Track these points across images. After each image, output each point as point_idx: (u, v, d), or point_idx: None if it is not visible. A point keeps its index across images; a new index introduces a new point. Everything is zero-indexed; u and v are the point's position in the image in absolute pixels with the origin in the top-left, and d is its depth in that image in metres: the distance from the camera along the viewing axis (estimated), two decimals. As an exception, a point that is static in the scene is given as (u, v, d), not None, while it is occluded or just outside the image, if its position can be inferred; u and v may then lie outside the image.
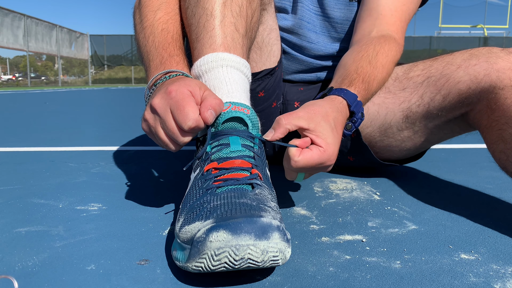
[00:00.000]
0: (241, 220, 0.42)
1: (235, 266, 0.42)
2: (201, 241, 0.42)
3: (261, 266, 0.43)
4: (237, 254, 0.41)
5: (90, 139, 1.60)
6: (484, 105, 0.71)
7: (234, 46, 0.60)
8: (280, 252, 0.43)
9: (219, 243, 0.41)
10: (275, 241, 0.42)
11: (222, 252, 0.41)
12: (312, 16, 0.95)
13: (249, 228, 0.41)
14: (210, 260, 0.41)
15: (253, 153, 0.54)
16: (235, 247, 0.41)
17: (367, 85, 0.73)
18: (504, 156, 0.67)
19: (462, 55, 0.75)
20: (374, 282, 0.45)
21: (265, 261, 0.42)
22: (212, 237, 0.41)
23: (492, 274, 0.47)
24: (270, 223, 0.43)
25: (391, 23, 0.85)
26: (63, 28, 17.15)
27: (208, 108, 0.51)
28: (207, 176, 0.51)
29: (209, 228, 0.42)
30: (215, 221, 0.43)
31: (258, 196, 0.47)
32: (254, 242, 0.41)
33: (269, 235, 0.42)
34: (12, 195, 0.79)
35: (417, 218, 0.67)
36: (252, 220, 0.42)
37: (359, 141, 0.89)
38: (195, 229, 0.44)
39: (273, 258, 0.42)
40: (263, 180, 0.52)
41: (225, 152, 0.53)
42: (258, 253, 0.41)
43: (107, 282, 0.45)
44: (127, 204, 0.73)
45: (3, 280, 0.44)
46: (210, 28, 0.60)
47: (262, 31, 0.83)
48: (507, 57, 0.69)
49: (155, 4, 0.69)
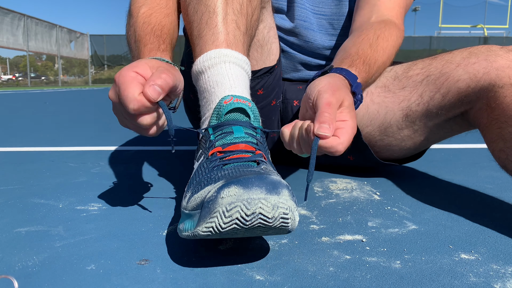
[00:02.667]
0: (251, 176, 0.43)
1: (247, 223, 0.42)
2: (212, 199, 0.43)
3: (272, 225, 0.43)
4: (248, 208, 0.41)
5: (90, 139, 1.60)
6: (483, 104, 0.71)
7: (235, 43, 0.61)
8: (290, 210, 0.43)
9: (230, 198, 0.41)
10: (285, 197, 0.43)
11: (233, 207, 0.41)
12: (309, 14, 0.95)
13: (260, 182, 0.42)
14: (222, 217, 0.42)
15: (256, 140, 0.55)
16: (247, 201, 0.41)
17: (368, 67, 0.72)
18: (503, 154, 0.67)
19: (461, 53, 0.75)
20: (374, 282, 0.45)
21: (275, 218, 0.42)
22: (223, 193, 0.42)
23: (492, 274, 0.47)
24: (279, 180, 0.44)
25: (390, 8, 0.85)
26: (63, 28, 17.15)
27: (151, 84, 0.49)
28: (212, 158, 0.52)
29: (220, 186, 0.43)
30: (225, 181, 0.43)
31: (264, 170, 0.48)
32: (265, 196, 0.42)
33: (279, 190, 0.43)
34: (12, 195, 0.79)
35: (417, 218, 0.67)
36: (263, 177, 0.43)
37: (359, 141, 0.89)
38: (205, 192, 0.45)
39: (283, 216, 0.43)
40: (267, 161, 0.53)
41: (229, 139, 0.53)
42: (269, 207, 0.42)
43: (107, 282, 0.45)
44: (127, 204, 0.73)
45: (3, 280, 0.44)
46: (213, 25, 0.60)
47: (262, 29, 0.83)
48: (506, 55, 0.69)
49: (141, 0, 0.70)
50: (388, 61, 0.79)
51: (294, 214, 0.44)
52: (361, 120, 0.87)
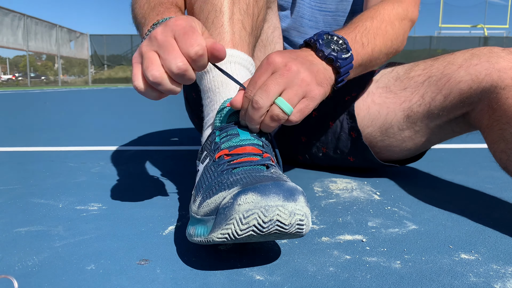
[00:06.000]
0: (269, 183, 0.42)
1: (263, 230, 0.42)
2: (228, 206, 0.42)
3: (287, 231, 0.43)
4: (266, 216, 0.41)
5: (90, 139, 1.60)
6: (485, 105, 0.71)
7: (241, 43, 0.61)
8: (305, 217, 0.43)
9: (248, 205, 0.41)
10: (301, 204, 0.43)
11: (251, 214, 0.41)
12: (315, 12, 0.95)
13: (278, 190, 0.42)
14: (238, 224, 0.41)
15: (262, 142, 0.54)
16: (264, 208, 0.41)
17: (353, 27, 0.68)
18: (505, 155, 0.67)
19: (463, 54, 0.75)
20: (374, 282, 0.45)
21: (292, 225, 0.42)
22: (240, 200, 0.41)
23: (492, 274, 0.47)
24: (296, 187, 0.44)
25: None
26: (63, 28, 17.14)
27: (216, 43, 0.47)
28: (219, 161, 0.51)
29: (237, 193, 0.42)
30: (241, 187, 0.43)
31: (274, 174, 0.47)
32: (282, 203, 0.42)
33: (296, 197, 0.43)
34: (12, 195, 0.79)
35: (417, 218, 0.67)
36: (280, 183, 0.43)
37: (359, 142, 0.89)
38: (220, 198, 0.44)
39: (299, 222, 0.43)
40: (275, 164, 0.53)
41: (235, 141, 0.53)
42: (287, 215, 0.42)
43: (107, 282, 0.45)
44: (127, 204, 0.73)
45: (3, 280, 0.44)
46: (219, 25, 0.60)
47: (266, 29, 0.83)
48: (508, 56, 0.69)
49: None
50: (393, 32, 0.74)
51: (309, 220, 0.44)
52: (362, 121, 0.87)
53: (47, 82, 20.00)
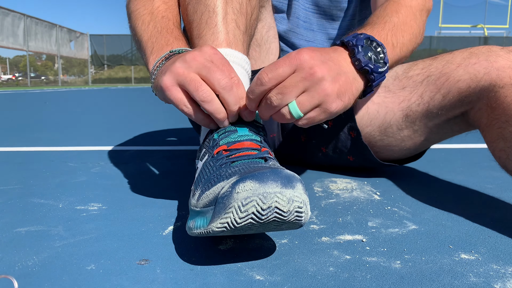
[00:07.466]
0: (266, 171, 0.42)
1: (262, 217, 0.42)
2: (227, 195, 0.42)
3: (286, 219, 0.43)
4: (264, 203, 0.41)
5: (90, 139, 1.60)
6: (484, 104, 0.71)
7: (235, 42, 0.61)
8: (304, 204, 0.43)
9: (246, 193, 0.41)
10: (299, 191, 0.43)
11: (249, 201, 0.41)
12: (309, 14, 0.95)
13: (275, 177, 0.42)
14: (237, 212, 0.42)
15: (260, 138, 0.55)
16: (263, 195, 0.41)
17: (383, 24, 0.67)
18: (504, 154, 0.67)
19: (461, 53, 0.75)
20: (374, 282, 0.45)
21: (290, 212, 0.42)
22: (239, 188, 0.42)
23: (492, 274, 0.47)
24: (293, 174, 0.44)
25: None
26: (63, 28, 17.15)
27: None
28: (218, 157, 0.52)
29: (235, 181, 0.42)
30: (239, 176, 0.43)
31: (273, 166, 0.47)
32: (280, 189, 0.42)
33: (294, 184, 0.43)
34: (12, 195, 0.79)
35: (417, 218, 0.67)
36: (277, 171, 0.43)
37: (359, 141, 0.89)
38: (219, 188, 0.44)
39: (298, 209, 0.43)
40: (273, 157, 0.53)
41: (233, 137, 0.53)
42: (285, 201, 0.42)
43: (107, 282, 0.45)
44: (127, 204, 0.73)
45: (3, 280, 0.44)
46: (213, 25, 0.60)
47: (260, 29, 0.83)
48: (507, 55, 0.69)
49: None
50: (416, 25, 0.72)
51: (308, 208, 0.44)
52: (361, 120, 0.87)
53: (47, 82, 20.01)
